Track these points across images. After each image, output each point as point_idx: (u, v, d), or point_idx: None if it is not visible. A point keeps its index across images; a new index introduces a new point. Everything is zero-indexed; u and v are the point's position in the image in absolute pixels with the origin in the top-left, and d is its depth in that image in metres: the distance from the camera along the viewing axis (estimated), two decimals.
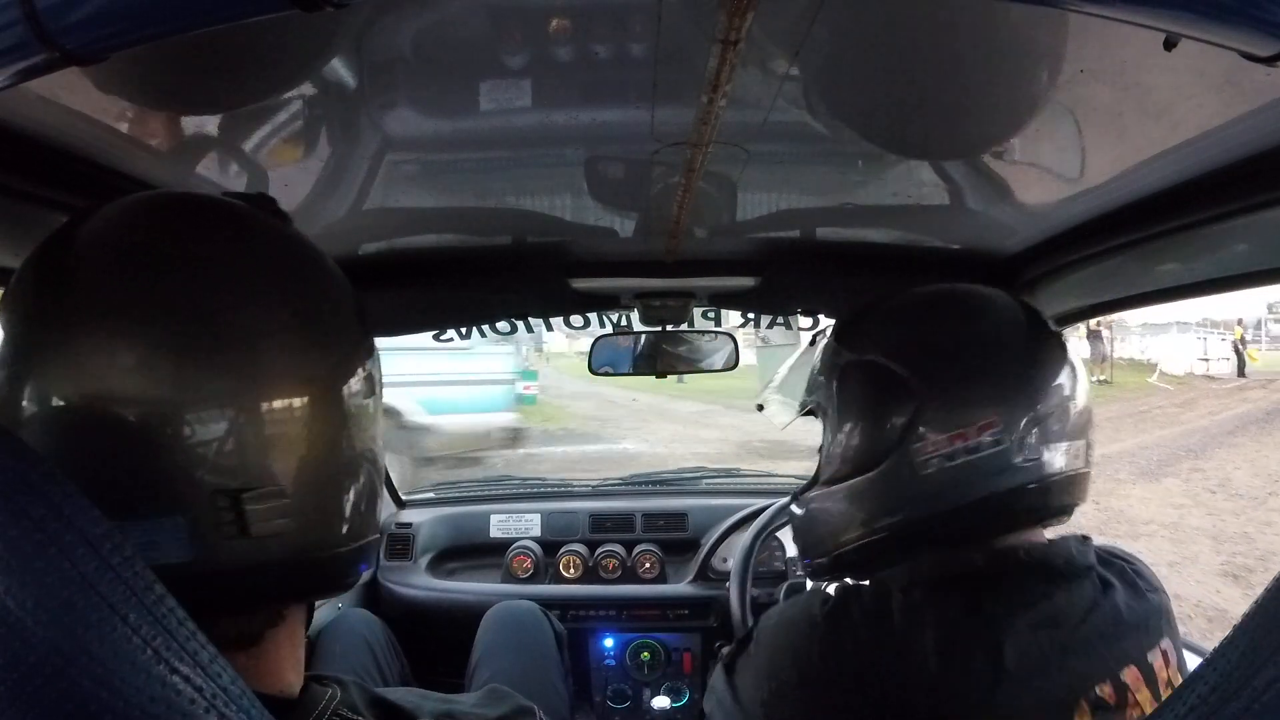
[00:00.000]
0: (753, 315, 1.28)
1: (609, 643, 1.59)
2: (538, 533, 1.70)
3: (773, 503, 1.48)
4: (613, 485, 1.99)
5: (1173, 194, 0.71)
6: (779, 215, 0.97)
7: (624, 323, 1.34)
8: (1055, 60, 0.55)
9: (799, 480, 1.88)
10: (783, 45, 0.54)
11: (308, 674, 0.48)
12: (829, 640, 0.66)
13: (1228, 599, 3.86)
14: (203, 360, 0.40)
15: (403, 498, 1.81)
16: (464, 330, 1.29)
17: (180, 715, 0.32)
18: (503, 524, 1.72)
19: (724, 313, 1.35)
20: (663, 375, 1.38)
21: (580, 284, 1.16)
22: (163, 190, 0.47)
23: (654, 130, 0.66)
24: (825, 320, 1.26)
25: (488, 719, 0.52)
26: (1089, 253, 0.88)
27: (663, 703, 1.57)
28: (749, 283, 1.16)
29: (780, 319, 1.29)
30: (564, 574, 1.63)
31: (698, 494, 1.86)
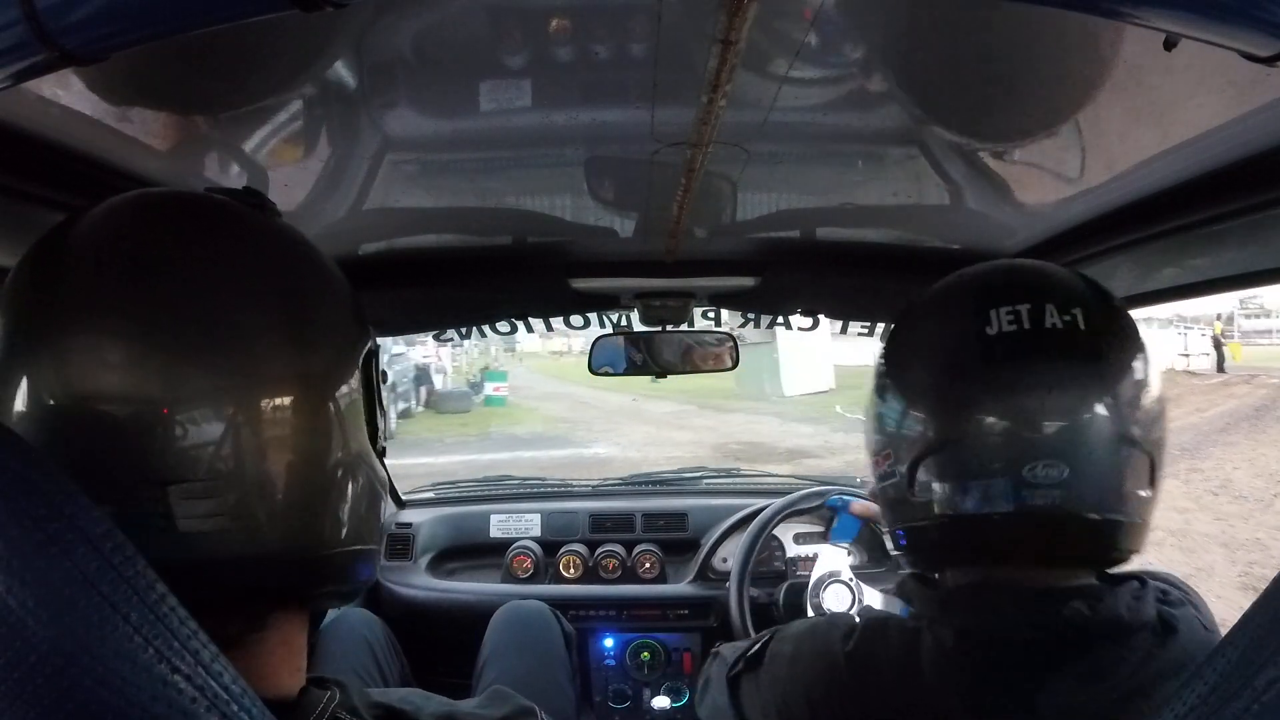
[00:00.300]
0: (752, 315, 1.28)
1: (609, 643, 1.59)
2: (538, 533, 1.70)
3: (771, 502, 1.49)
4: (613, 485, 1.99)
5: (1173, 194, 0.71)
6: (779, 215, 0.97)
7: (624, 323, 1.34)
8: (1056, 62, 0.55)
9: (799, 480, 1.88)
10: (783, 45, 0.54)
11: (309, 675, 0.48)
12: (851, 685, 0.62)
13: None
14: (179, 358, 0.40)
15: (403, 498, 1.81)
16: (464, 330, 1.29)
17: (181, 715, 0.32)
18: (503, 524, 1.72)
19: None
20: (662, 375, 1.38)
21: (580, 284, 1.16)
22: (149, 189, 0.47)
23: (654, 130, 0.66)
24: (825, 320, 1.26)
25: None
26: (1089, 253, 0.88)
27: (663, 703, 1.57)
28: (749, 283, 1.16)
29: (780, 319, 1.29)
30: (564, 574, 1.63)
31: (698, 494, 1.86)
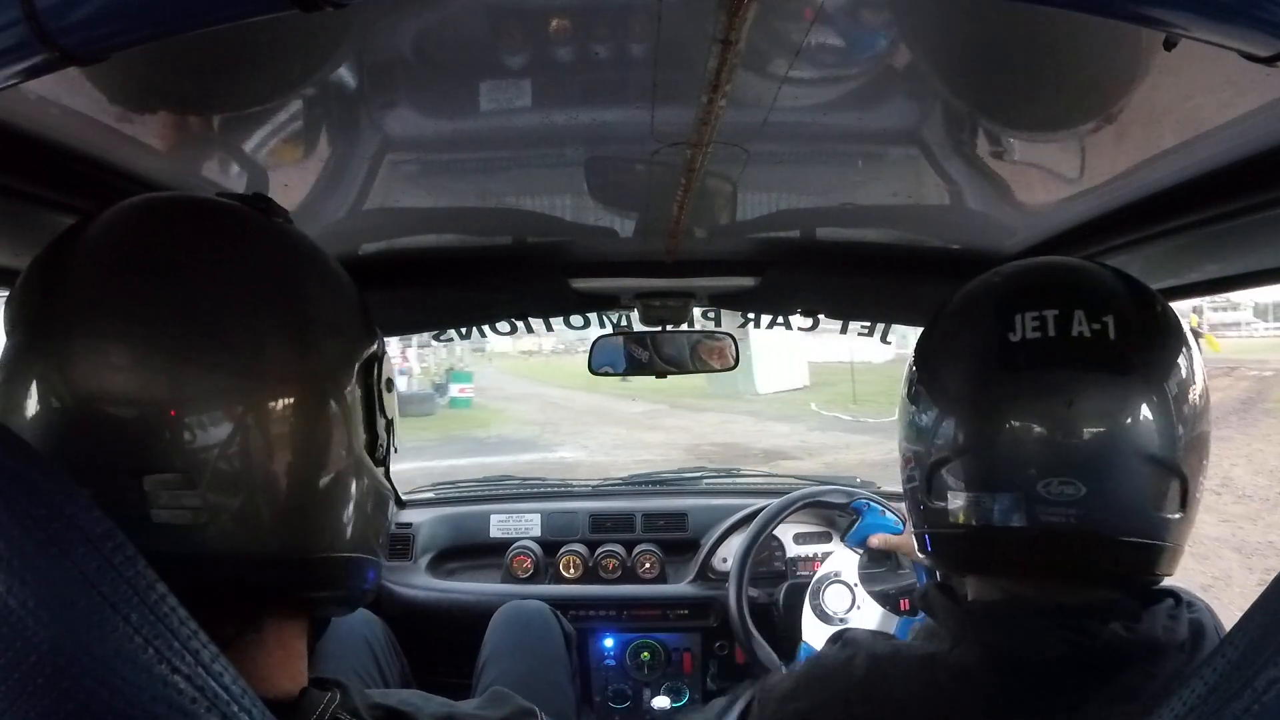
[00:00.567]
0: (753, 315, 1.28)
1: (609, 643, 1.59)
2: (538, 533, 1.70)
3: (770, 502, 1.49)
4: (613, 485, 1.99)
5: (1173, 194, 0.71)
6: (779, 215, 0.97)
7: (624, 323, 1.34)
8: (1056, 62, 0.55)
9: (799, 480, 1.88)
10: (783, 45, 0.54)
11: (310, 675, 0.48)
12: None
13: None
14: (179, 359, 0.40)
15: (403, 497, 1.81)
16: (464, 330, 1.29)
17: (181, 715, 0.32)
18: (503, 524, 1.72)
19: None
20: (662, 376, 1.38)
21: (580, 284, 1.16)
22: (157, 194, 0.47)
23: (654, 130, 0.66)
24: (825, 320, 1.26)
25: None
26: (1089, 253, 0.88)
27: (663, 703, 1.57)
28: (749, 283, 1.16)
29: (780, 319, 1.29)
30: (564, 574, 1.63)
31: (698, 494, 1.86)
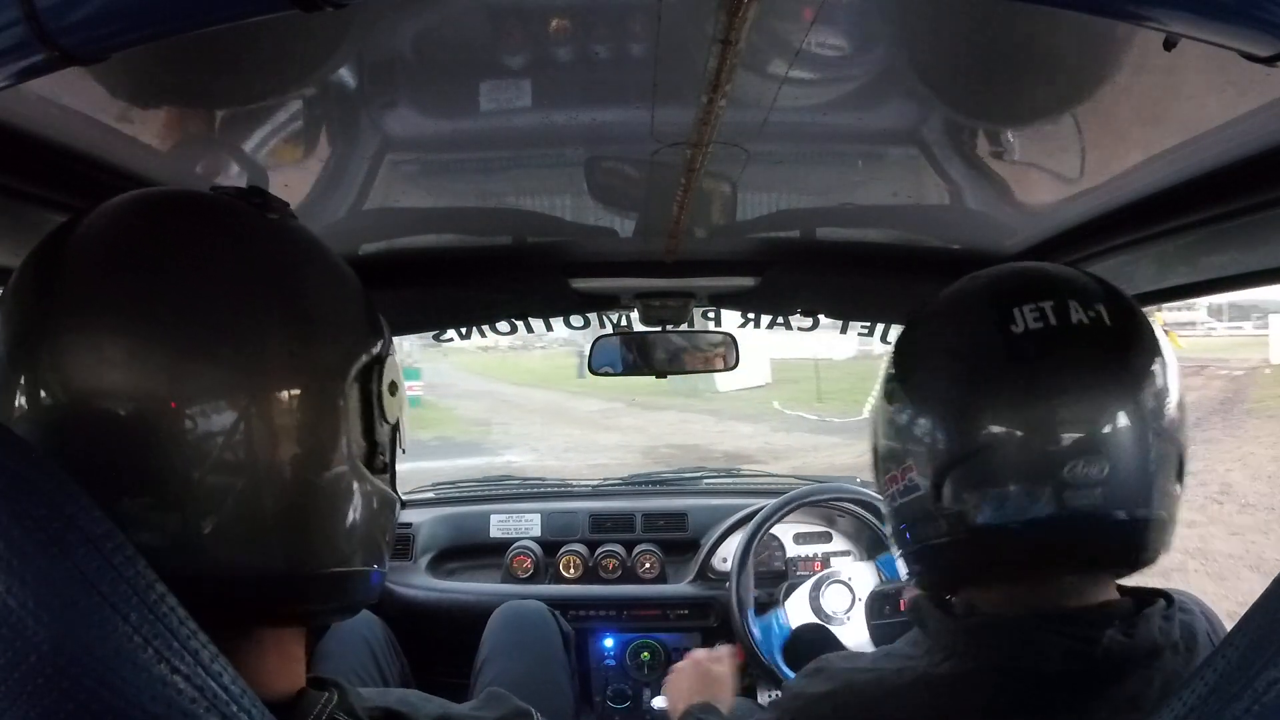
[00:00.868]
0: (752, 315, 1.28)
1: (609, 643, 1.59)
2: (538, 533, 1.70)
3: (770, 502, 1.49)
4: (613, 485, 1.99)
5: (1173, 194, 0.71)
6: (779, 215, 0.97)
7: (624, 323, 1.34)
8: (1056, 62, 0.55)
9: (799, 480, 1.88)
10: (783, 45, 0.53)
11: (308, 675, 0.48)
12: None
13: None
14: (162, 354, 0.39)
15: (403, 498, 1.81)
16: (464, 330, 1.29)
17: (181, 715, 0.32)
18: (503, 524, 1.72)
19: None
20: (662, 376, 1.38)
21: (580, 284, 1.16)
22: (150, 189, 0.46)
23: (654, 130, 0.66)
24: (825, 320, 1.26)
25: None
26: (1089, 252, 0.88)
27: (662, 703, 1.56)
28: (749, 283, 1.16)
29: (780, 319, 1.29)
30: (564, 574, 1.63)
31: (698, 494, 1.86)
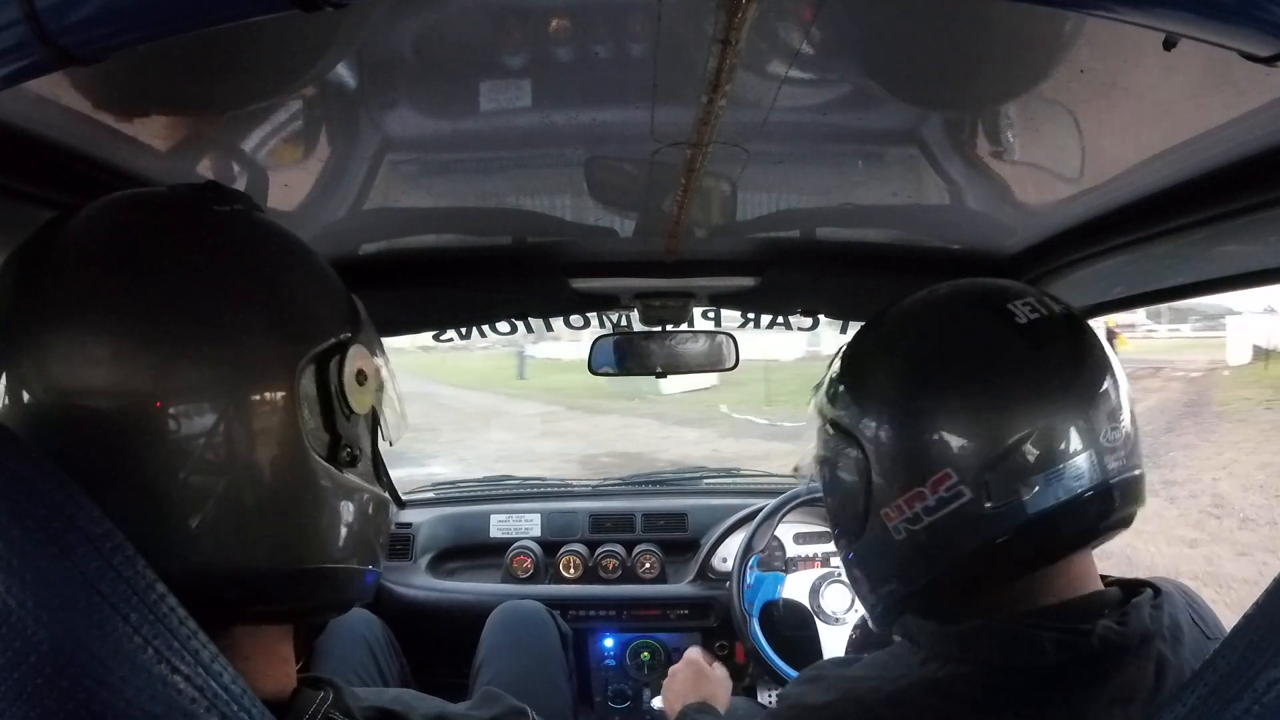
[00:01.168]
0: (753, 315, 1.28)
1: (609, 643, 1.59)
2: (538, 533, 1.70)
3: (770, 502, 1.49)
4: (613, 485, 1.99)
5: (1173, 194, 0.71)
6: (779, 215, 0.97)
7: (624, 323, 1.34)
8: (1056, 62, 0.55)
9: (799, 480, 1.88)
10: (783, 45, 0.53)
11: (303, 675, 0.48)
12: None
13: None
14: (130, 354, 0.39)
15: (402, 498, 1.81)
16: (464, 330, 1.29)
17: (181, 714, 0.32)
18: (503, 524, 1.72)
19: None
20: (662, 376, 1.38)
21: (580, 284, 1.16)
22: (120, 193, 0.46)
23: (654, 130, 0.66)
24: (825, 320, 1.27)
25: None
26: (1089, 252, 0.88)
27: (661, 703, 1.57)
28: (749, 283, 1.16)
29: (780, 319, 1.29)
30: (564, 574, 1.63)
31: (698, 494, 1.86)
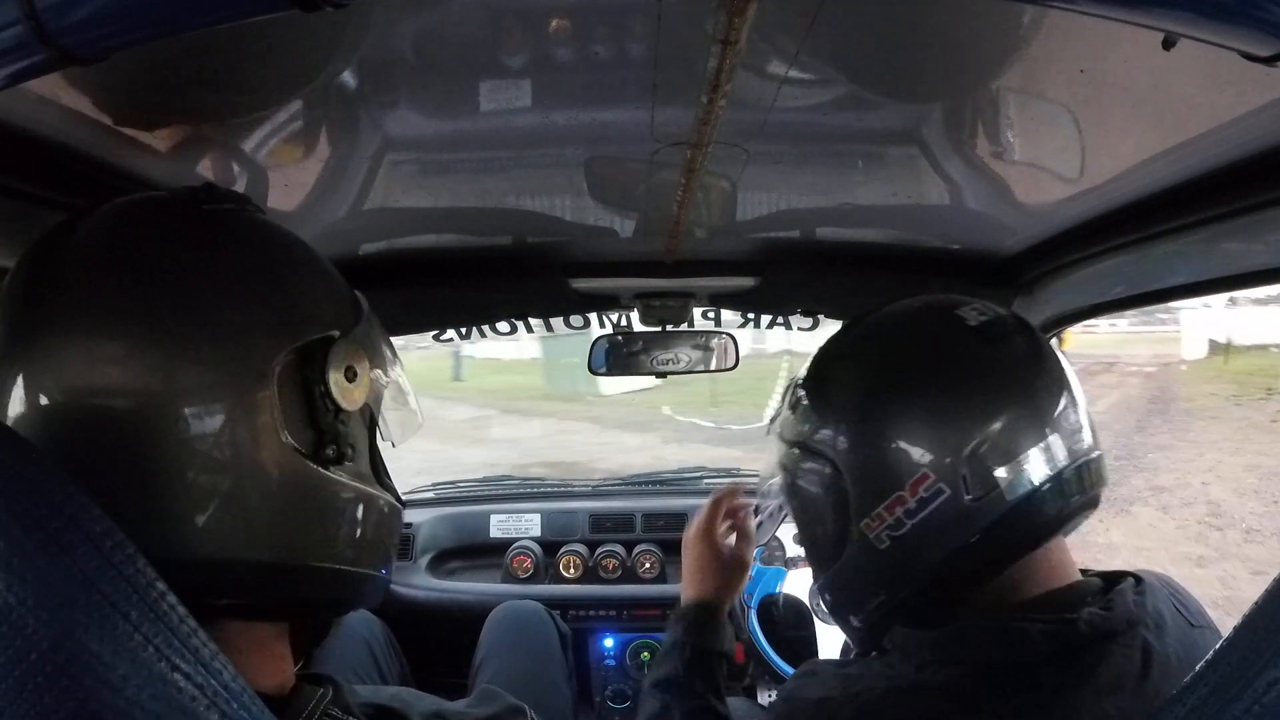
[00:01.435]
0: (752, 315, 1.28)
1: (609, 643, 1.59)
2: (538, 533, 1.70)
3: (769, 502, 1.48)
4: (613, 485, 1.99)
5: (1173, 194, 0.71)
6: (779, 215, 0.97)
7: (624, 323, 1.34)
8: (1056, 62, 0.55)
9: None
10: (783, 45, 0.54)
11: (302, 673, 0.49)
12: None
13: None
14: (124, 356, 0.40)
15: (402, 498, 1.81)
16: (464, 330, 1.29)
17: (181, 712, 0.32)
18: (503, 524, 1.72)
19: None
20: (662, 376, 1.38)
21: (580, 284, 1.16)
22: (124, 198, 0.47)
23: (654, 130, 0.66)
24: (825, 320, 1.26)
25: (478, 718, 0.52)
26: (1089, 253, 0.88)
27: None
28: (749, 283, 1.16)
29: (780, 318, 1.29)
30: (564, 574, 1.63)
31: (698, 494, 1.86)
